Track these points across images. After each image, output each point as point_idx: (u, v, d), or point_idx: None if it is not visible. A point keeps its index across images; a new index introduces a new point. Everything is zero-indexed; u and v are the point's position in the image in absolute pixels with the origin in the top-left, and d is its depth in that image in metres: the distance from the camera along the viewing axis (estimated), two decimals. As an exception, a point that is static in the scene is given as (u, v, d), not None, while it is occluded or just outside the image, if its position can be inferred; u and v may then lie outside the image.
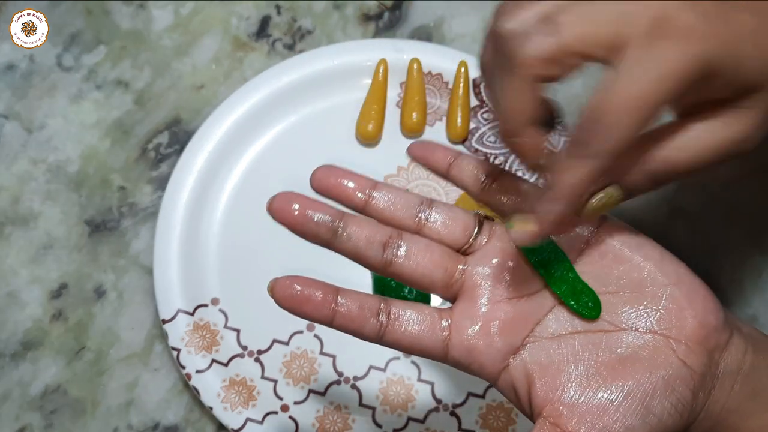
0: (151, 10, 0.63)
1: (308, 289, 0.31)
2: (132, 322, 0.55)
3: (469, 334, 0.31)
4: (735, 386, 0.31)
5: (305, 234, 0.32)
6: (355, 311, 0.31)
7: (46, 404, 0.54)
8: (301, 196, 0.32)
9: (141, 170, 0.59)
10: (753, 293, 0.54)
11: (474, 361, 0.32)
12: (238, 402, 0.51)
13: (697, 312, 0.31)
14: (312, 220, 0.32)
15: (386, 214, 0.33)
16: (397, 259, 0.32)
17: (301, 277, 0.31)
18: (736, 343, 0.32)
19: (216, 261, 0.55)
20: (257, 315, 0.54)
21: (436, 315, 0.32)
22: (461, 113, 0.57)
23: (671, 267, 0.32)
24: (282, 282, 0.31)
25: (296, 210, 0.31)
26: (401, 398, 0.52)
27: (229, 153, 0.57)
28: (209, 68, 0.61)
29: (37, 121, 0.60)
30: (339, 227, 0.32)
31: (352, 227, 0.32)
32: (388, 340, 0.32)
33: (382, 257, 0.32)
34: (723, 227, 0.55)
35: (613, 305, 0.32)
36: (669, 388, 0.30)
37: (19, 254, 0.57)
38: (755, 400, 0.32)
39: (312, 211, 0.32)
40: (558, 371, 0.30)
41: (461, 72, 0.57)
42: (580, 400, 0.30)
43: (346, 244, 0.32)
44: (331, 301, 0.31)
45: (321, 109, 0.58)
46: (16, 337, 0.55)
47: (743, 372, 0.31)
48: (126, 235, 0.57)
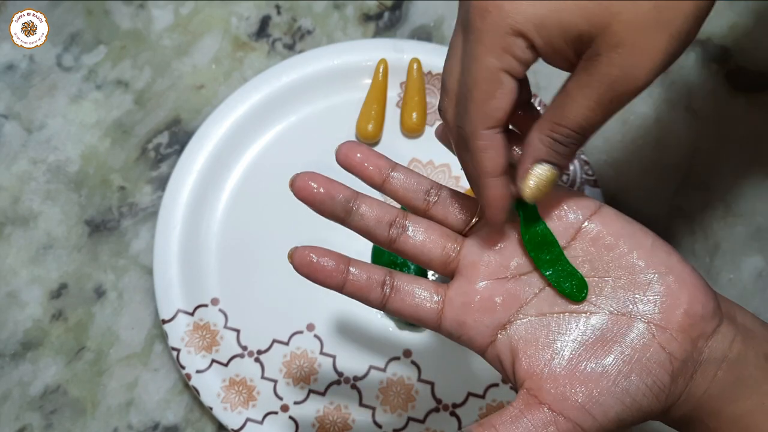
0: (151, 10, 0.63)
1: (323, 258, 0.34)
2: (132, 322, 0.55)
3: (460, 309, 0.34)
4: (719, 373, 0.32)
5: (323, 211, 0.35)
6: (363, 280, 0.34)
7: (45, 404, 0.54)
8: (320, 176, 0.34)
9: (141, 170, 0.59)
10: (753, 293, 0.54)
11: (464, 334, 0.34)
12: (238, 402, 0.51)
13: (683, 301, 0.32)
14: (331, 198, 0.34)
15: (400, 193, 0.36)
16: (400, 237, 0.35)
17: (318, 248, 0.34)
18: (724, 332, 0.32)
19: (216, 261, 0.55)
20: (257, 315, 0.54)
21: (432, 289, 0.35)
22: (461, 113, 0.57)
23: (662, 255, 0.33)
24: (300, 251, 0.34)
25: (316, 189, 0.34)
26: (401, 398, 0.52)
27: (229, 153, 0.57)
28: (209, 68, 0.61)
29: (37, 121, 0.60)
30: (353, 206, 0.35)
31: (363, 207, 0.35)
32: (390, 308, 0.35)
33: (387, 234, 0.35)
34: (723, 227, 0.55)
35: (600, 289, 0.33)
36: (646, 370, 0.31)
37: (19, 254, 0.57)
38: (738, 387, 0.32)
39: (331, 189, 0.34)
40: (541, 347, 0.32)
41: (461, 72, 0.57)
42: (559, 375, 0.31)
43: (358, 222, 0.35)
44: (343, 270, 0.34)
45: (321, 109, 0.58)
46: (16, 337, 0.55)
47: (729, 360, 0.32)
48: (126, 235, 0.57)
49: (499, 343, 0.33)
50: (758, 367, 0.33)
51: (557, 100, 0.31)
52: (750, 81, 0.59)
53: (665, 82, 0.59)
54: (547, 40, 0.30)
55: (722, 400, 0.32)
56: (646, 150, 0.57)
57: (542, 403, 0.31)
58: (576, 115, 0.31)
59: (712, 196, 0.56)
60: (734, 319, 0.33)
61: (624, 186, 0.56)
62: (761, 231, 0.55)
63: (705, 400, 0.32)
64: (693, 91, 0.59)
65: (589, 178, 0.54)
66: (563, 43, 0.30)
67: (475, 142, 0.32)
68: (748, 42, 0.59)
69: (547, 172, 0.32)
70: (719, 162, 0.57)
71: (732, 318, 0.33)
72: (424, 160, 0.57)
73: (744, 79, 0.59)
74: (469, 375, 0.52)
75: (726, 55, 0.59)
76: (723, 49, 0.59)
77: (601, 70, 0.29)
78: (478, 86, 0.31)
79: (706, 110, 0.58)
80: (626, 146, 0.57)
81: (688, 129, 0.58)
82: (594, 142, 0.57)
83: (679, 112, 0.58)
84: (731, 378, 0.32)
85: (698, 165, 0.57)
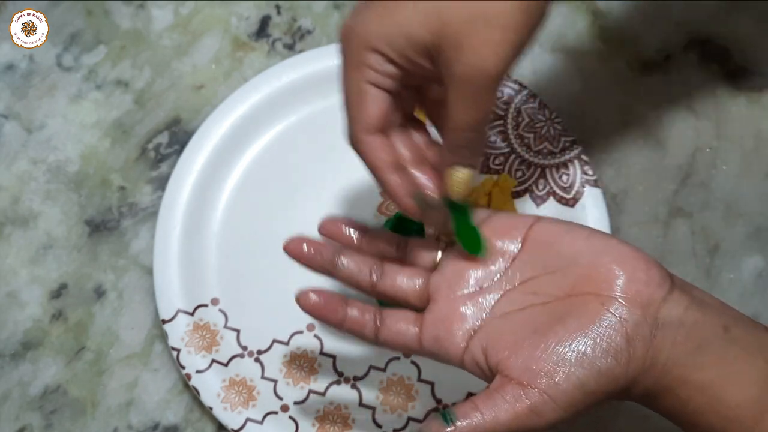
0: (151, 10, 0.63)
1: (325, 300, 0.39)
2: (132, 322, 0.55)
3: (433, 326, 0.38)
4: (677, 338, 0.35)
5: (313, 267, 0.40)
6: (358, 316, 0.39)
7: (45, 404, 0.54)
8: (309, 239, 0.40)
9: (141, 170, 0.59)
10: (753, 293, 0.54)
11: (441, 348, 0.38)
12: (238, 402, 0.51)
13: (625, 271, 0.35)
14: (318, 256, 0.40)
15: (374, 250, 0.42)
16: (379, 282, 0.40)
17: (323, 291, 0.39)
18: (676, 299, 0.35)
19: (216, 261, 0.55)
20: (257, 315, 0.54)
21: (411, 317, 0.39)
22: (461, 113, 0.57)
23: (598, 241, 0.37)
24: (304, 294, 0.39)
25: (305, 249, 0.40)
26: (401, 398, 0.52)
27: (229, 153, 0.57)
28: (209, 68, 0.61)
29: (37, 121, 0.60)
30: (337, 261, 0.40)
31: (346, 260, 0.40)
32: (381, 341, 0.40)
33: (369, 280, 0.40)
34: (723, 227, 0.55)
35: (552, 282, 0.37)
36: (599, 335, 0.34)
37: (18, 254, 0.57)
38: (701, 354, 0.35)
39: (317, 249, 0.40)
40: (505, 338, 0.36)
41: (461, 72, 0.57)
42: (522, 354, 0.35)
43: (342, 272, 0.40)
44: (342, 309, 0.39)
45: (321, 109, 0.58)
46: (15, 337, 0.55)
47: (686, 326, 0.35)
48: (126, 235, 0.57)
49: (471, 347, 0.37)
50: (717, 336, 0.35)
51: (444, 109, 0.35)
52: (750, 81, 0.59)
53: (665, 81, 0.59)
54: (400, 53, 0.35)
55: (687, 368, 0.35)
56: (646, 150, 0.57)
57: (512, 379, 0.35)
58: (457, 117, 0.35)
59: (712, 196, 0.56)
60: (689, 291, 0.36)
61: (624, 186, 0.56)
62: (761, 231, 0.55)
63: (670, 367, 0.35)
64: (693, 91, 0.59)
65: (589, 178, 0.54)
66: (415, 54, 0.35)
67: (358, 147, 0.38)
68: (748, 42, 0.59)
69: (461, 173, 0.37)
70: (719, 162, 0.57)
71: (686, 290, 0.36)
72: (424, 160, 0.57)
73: (744, 79, 0.59)
74: (469, 375, 0.51)
75: (726, 55, 0.59)
76: (723, 49, 0.59)
77: (455, 71, 0.34)
78: (350, 98, 0.37)
79: (706, 110, 0.58)
80: (626, 146, 0.58)
81: (688, 129, 0.58)
82: (594, 142, 0.57)
83: (680, 111, 0.58)
84: (692, 345, 0.35)
85: (698, 165, 0.57)
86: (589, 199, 0.54)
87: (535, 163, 0.56)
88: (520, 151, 0.56)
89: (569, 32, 0.60)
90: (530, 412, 0.34)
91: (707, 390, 0.35)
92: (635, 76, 0.59)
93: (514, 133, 0.57)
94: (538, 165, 0.56)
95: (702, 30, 0.60)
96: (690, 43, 0.60)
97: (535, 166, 0.56)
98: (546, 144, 0.56)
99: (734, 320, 0.36)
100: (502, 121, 0.57)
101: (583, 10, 0.61)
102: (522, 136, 0.56)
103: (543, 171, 0.56)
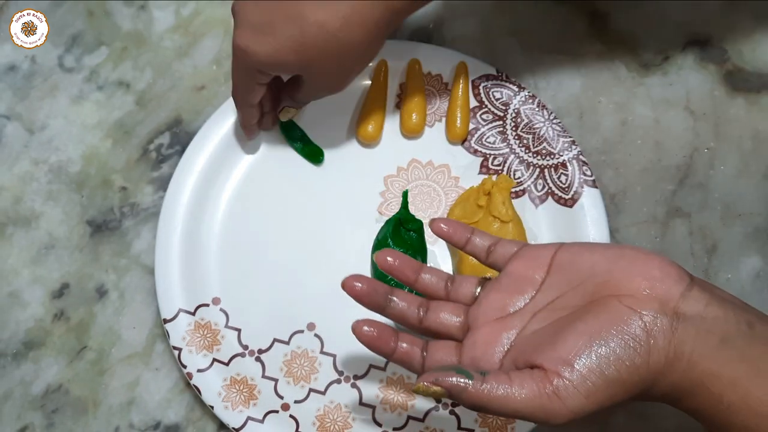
0: (152, 12, 0.63)
1: (379, 331, 0.42)
2: (133, 322, 0.55)
3: (470, 349, 0.41)
4: (700, 330, 0.36)
5: (369, 304, 0.43)
6: (408, 348, 0.42)
7: (47, 403, 0.54)
8: (365, 277, 0.43)
9: (142, 171, 0.59)
10: (751, 293, 0.54)
11: (478, 368, 0.40)
12: (239, 401, 0.52)
13: (639, 271, 0.37)
14: (373, 293, 0.43)
15: (428, 289, 0.45)
16: (425, 318, 0.43)
17: (375, 323, 0.42)
18: (696, 296, 0.36)
19: (217, 261, 0.55)
20: (258, 314, 0.54)
21: (452, 347, 0.42)
22: (461, 114, 0.57)
23: (613, 251, 0.39)
24: (360, 324, 0.42)
25: (360, 287, 0.42)
26: (401, 397, 0.52)
27: (230, 153, 0.57)
28: (210, 69, 0.61)
29: (39, 121, 0.60)
30: (389, 299, 0.43)
31: (397, 298, 0.44)
32: (426, 369, 0.42)
33: (417, 317, 0.43)
34: (721, 227, 0.56)
35: (575, 295, 0.39)
36: (618, 326, 0.36)
37: (20, 254, 0.57)
38: (725, 347, 0.35)
39: (373, 288, 0.43)
40: (532, 344, 0.38)
41: (461, 73, 0.57)
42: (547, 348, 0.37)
43: (393, 310, 0.43)
44: (394, 341, 0.42)
45: (321, 110, 0.58)
46: (17, 336, 0.55)
47: (708, 320, 0.36)
48: (127, 235, 0.57)
49: (505, 364, 0.39)
50: (741, 332, 0.36)
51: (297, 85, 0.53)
52: (748, 82, 0.59)
53: (664, 82, 0.59)
54: (276, 71, 0.51)
55: (715, 362, 0.35)
56: (646, 150, 0.58)
57: (536, 365, 0.37)
58: (306, 95, 0.54)
59: (710, 196, 0.56)
60: (710, 290, 0.37)
61: (624, 186, 0.57)
62: (760, 231, 0.55)
63: (696, 359, 0.35)
64: (692, 92, 0.59)
65: (588, 178, 0.54)
66: (285, 71, 0.52)
67: (239, 111, 0.55)
68: (746, 43, 0.60)
69: (291, 109, 0.56)
70: (717, 162, 0.57)
71: (707, 288, 0.37)
72: (424, 161, 0.57)
73: (742, 80, 0.59)
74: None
75: (724, 56, 0.60)
76: (721, 50, 0.60)
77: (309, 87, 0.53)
78: (240, 89, 0.53)
79: (705, 110, 0.58)
80: (626, 146, 0.58)
81: (688, 129, 0.58)
82: (594, 142, 0.58)
83: (679, 112, 0.58)
84: (715, 339, 0.36)
85: (698, 165, 0.57)
86: (588, 200, 0.54)
87: (534, 163, 0.56)
88: (519, 152, 0.56)
89: (568, 33, 0.61)
90: (552, 394, 0.35)
91: (738, 386, 0.35)
92: (634, 77, 0.59)
93: (513, 134, 0.57)
94: (536, 165, 0.56)
95: (700, 31, 0.60)
96: (688, 44, 0.60)
97: (534, 167, 0.56)
98: (545, 144, 0.56)
99: (758, 317, 0.37)
100: (501, 122, 0.57)
101: (582, 11, 0.61)
102: (521, 137, 0.57)
103: (542, 171, 0.56)
